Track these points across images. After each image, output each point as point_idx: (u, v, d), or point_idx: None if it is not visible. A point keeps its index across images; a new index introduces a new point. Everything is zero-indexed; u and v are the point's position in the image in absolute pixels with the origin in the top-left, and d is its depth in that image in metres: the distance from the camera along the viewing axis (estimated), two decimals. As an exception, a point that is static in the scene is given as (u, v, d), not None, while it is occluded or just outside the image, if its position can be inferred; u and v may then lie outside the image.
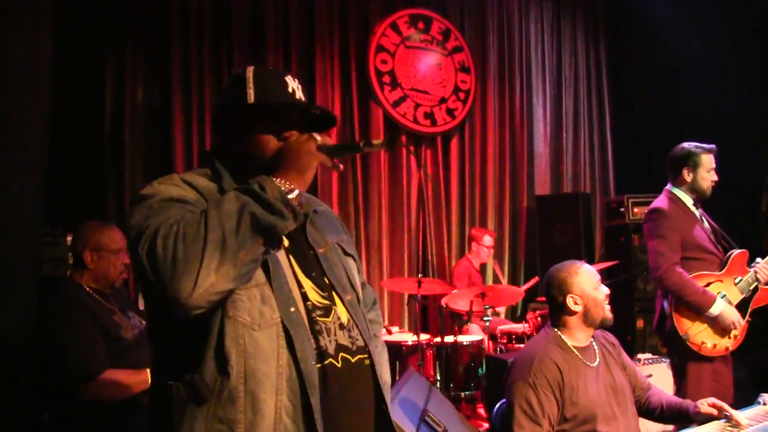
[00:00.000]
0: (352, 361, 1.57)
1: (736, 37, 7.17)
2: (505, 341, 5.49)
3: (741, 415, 2.41)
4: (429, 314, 6.55)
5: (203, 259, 1.31)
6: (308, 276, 1.60)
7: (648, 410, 2.74)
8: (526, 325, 5.50)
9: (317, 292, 1.59)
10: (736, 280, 3.61)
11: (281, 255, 1.56)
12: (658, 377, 4.32)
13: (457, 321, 5.75)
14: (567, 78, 8.02)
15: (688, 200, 3.70)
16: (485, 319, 5.28)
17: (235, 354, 1.41)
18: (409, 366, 4.77)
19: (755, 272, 3.60)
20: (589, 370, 2.56)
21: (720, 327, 3.47)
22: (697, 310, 3.44)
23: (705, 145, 3.72)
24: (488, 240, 6.30)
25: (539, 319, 5.45)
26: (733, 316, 3.46)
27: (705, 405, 2.51)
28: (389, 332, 5.46)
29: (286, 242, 1.58)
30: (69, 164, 4.90)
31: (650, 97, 7.81)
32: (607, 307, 2.62)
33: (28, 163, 3.01)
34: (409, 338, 5.26)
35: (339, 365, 1.53)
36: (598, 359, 2.62)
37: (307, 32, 6.23)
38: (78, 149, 5.07)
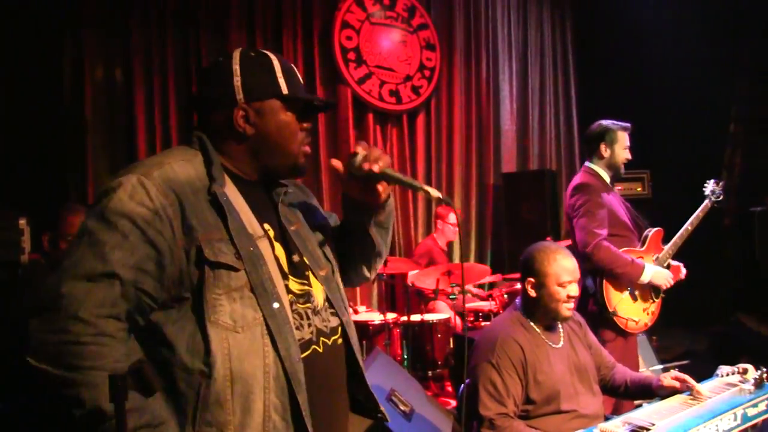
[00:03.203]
0: (329, 343, 1.61)
1: (700, 13, 7.21)
2: (472, 319, 5.51)
3: (702, 387, 2.45)
4: (396, 293, 6.54)
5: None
6: (291, 263, 1.60)
7: (613, 388, 2.77)
8: (493, 302, 5.52)
9: (297, 281, 1.59)
10: (654, 258, 3.71)
11: (265, 247, 1.54)
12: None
13: (423, 300, 5.74)
14: (533, 54, 8.02)
15: (606, 177, 3.75)
16: (452, 297, 5.28)
17: (221, 358, 1.40)
18: (376, 346, 4.76)
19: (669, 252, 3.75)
20: (553, 350, 2.56)
21: (645, 298, 3.59)
22: (630, 281, 3.50)
23: (621, 123, 3.78)
24: (453, 217, 6.25)
25: (506, 296, 5.47)
26: (664, 275, 3.57)
27: (668, 378, 2.54)
28: (356, 312, 5.44)
29: (271, 231, 1.59)
30: (25, 147, 4.79)
31: (616, 73, 7.80)
32: (566, 306, 2.54)
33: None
34: (375, 317, 5.25)
35: (321, 350, 1.57)
36: (562, 341, 2.62)
37: (273, 9, 6.11)
38: (35, 131, 4.94)
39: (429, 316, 5.28)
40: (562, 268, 2.55)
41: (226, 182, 1.55)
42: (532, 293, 2.57)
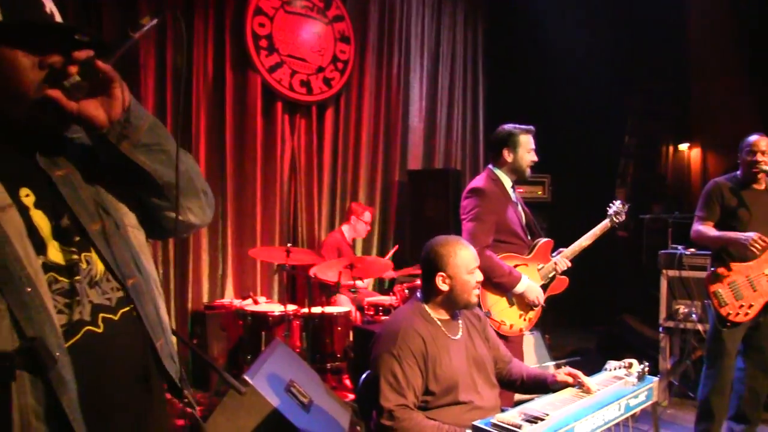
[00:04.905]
0: (116, 319, 1.35)
1: (603, 33, 7.57)
2: (372, 313, 5.54)
3: (591, 381, 2.56)
4: (297, 284, 6.51)
5: None
6: (58, 229, 1.33)
7: (510, 381, 2.86)
8: (394, 297, 5.57)
9: (64, 250, 1.33)
10: (539, 267, 3.81)
11: (11, 219, 1.26)
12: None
13: (325, 292, 5.74)
14: (444, 54, 8.14)
15: (507, 182, 3.81)
16: (352, 290, 5.30)
17: None
18: (276, 337, 4.73)
19: (555, 263, 3.83)
20: (452, 342, 2.61)
21: (523, 305, 3.66)
22: (505, 289, 3.60)
23: (524, 126, 3.82)
24: (368, 216, 6.33)
25: (407, 291, 5.54)
26: (536, 292, 3.64)
27: (562, 374, 2.65)
28: (256, 302, 5.38)
29: (31, 197, 1.31)
30: None
31: (523, 79, 8.06)
32: (475, 292, 2.68)
33: None
34: (276, 309, 5.20)
35: (101, 330, 1.32)
36: (461, 332, 2.68)
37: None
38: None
39: (329, 309, 5.28)
40: (469, 256, 2.67)
41: None
42: (444, 287, 2.63)
